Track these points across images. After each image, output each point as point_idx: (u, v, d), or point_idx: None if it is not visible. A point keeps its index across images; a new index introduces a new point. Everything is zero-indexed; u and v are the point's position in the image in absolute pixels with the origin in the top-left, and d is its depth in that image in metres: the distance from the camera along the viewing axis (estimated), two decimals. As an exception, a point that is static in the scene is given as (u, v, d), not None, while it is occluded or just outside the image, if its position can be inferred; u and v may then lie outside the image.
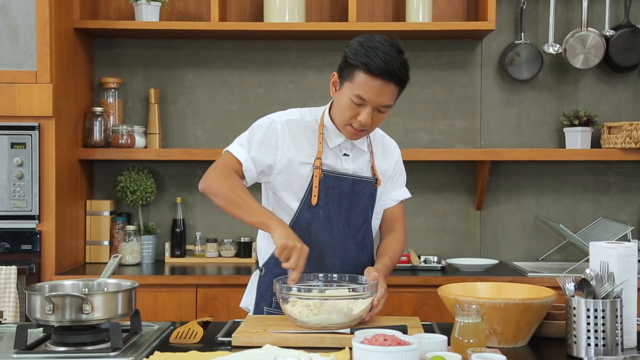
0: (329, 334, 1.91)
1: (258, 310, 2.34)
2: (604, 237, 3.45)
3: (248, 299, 2.42)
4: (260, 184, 2.36)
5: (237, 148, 2.25)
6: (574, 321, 1.83)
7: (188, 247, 3.71)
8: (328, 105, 2.31)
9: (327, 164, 2.26)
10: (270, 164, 2.25)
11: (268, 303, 2.32)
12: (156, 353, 1.80)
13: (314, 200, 2.24)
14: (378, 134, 2.41)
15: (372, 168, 2.34)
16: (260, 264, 2.37)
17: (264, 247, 2.36)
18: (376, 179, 2.33)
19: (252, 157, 2.23)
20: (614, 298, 1.82)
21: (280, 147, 2.24)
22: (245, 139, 2.26)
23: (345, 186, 2.27)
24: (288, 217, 2.27)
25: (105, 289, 2.00)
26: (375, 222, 2.40)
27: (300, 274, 2.04)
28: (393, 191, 2.42)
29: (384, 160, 2.38)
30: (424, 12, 3.57)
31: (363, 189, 2.30)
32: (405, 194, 2.45)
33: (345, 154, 2.29)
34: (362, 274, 2.16)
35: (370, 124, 2.17)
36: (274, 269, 2.29)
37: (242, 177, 2.24)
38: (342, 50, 2.18)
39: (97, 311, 1.83)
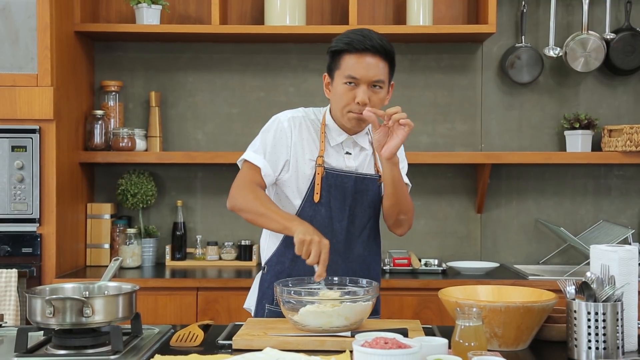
0: (330, 336, 1.91)
1: (260, 308, 2.35)
2: (605, 240, 3.44)
3: (251, 299, 2.43)
4: None
5: (253, 155, 2.28)
6: (575, 324, 1.83)
7: (189, 250, 3.71)
8: (329, 105, 2.33)
9: (329, 162, 2.28)
10: (285, 162, 2.27)
11: (270, 300, 2.32)
12: (157, 356, 1.80)
13: (317, 198, 2.25)
14: None
15: (375, 165, 2.34)
16: (263, 262, 2.38)
17: (267, 246, 2.37)
18: (379, 176, 2.33)
19: (268, 161, 2.26)
20: (615, 301, 1.81)
21: (291, 144, 2.27)
22: (259, 145, 2.29)
23: (348, 184, 2.28)
24: None
25: (106, 292, 2.00)
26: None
27: (325, 268, 2.01)
28: None
29: None
30: (425, 15, 3.57)
31: (367, 186, 2.31)
32: (405, 179, 2.38)
33: (347, 152, 2.31)
34: (369, 272, 2.16)
35: (369, 104, 2.18)
36: (276, 266, 2.31)
37: (263, 182, 2.26)
38: (326, 52, 2.26)
39: (98, 314, 1.83)
